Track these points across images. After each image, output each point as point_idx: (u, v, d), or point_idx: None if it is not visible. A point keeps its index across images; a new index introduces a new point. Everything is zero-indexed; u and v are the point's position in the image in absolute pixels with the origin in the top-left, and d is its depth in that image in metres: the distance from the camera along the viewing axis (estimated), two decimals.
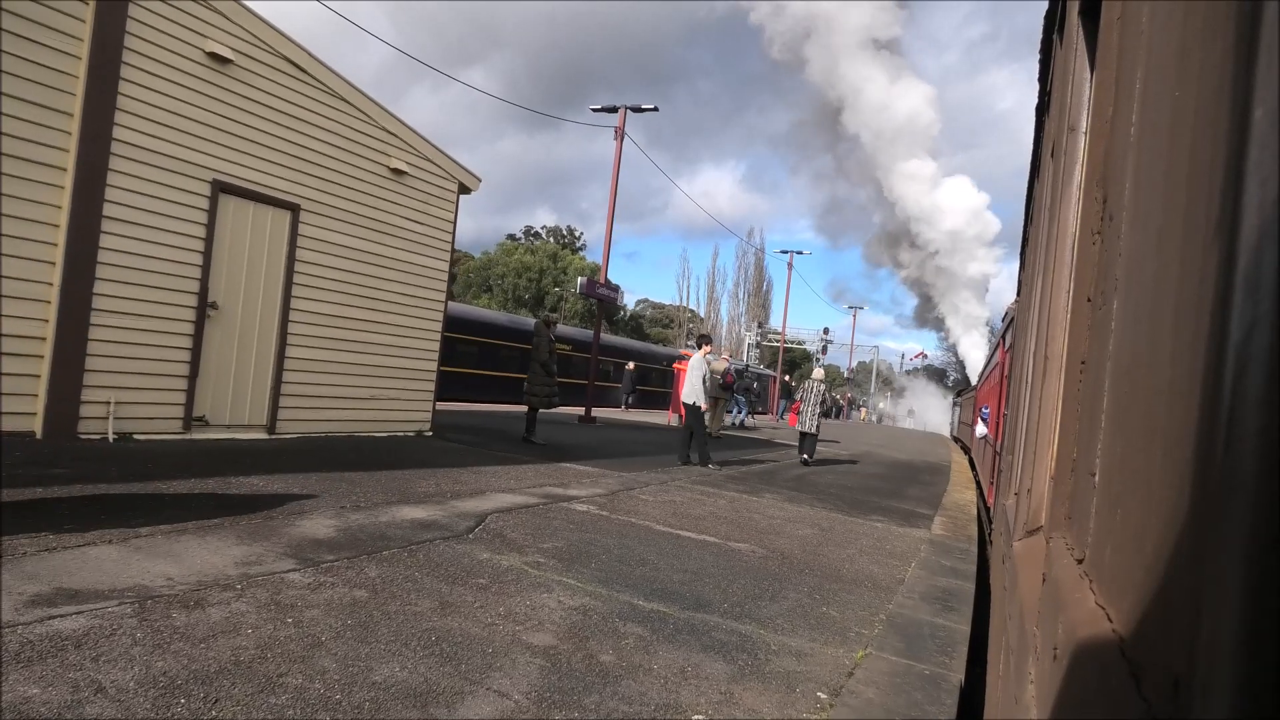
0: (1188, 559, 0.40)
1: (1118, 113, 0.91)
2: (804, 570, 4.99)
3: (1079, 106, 1.55)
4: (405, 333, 8.87)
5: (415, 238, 8.92)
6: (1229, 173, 0.39)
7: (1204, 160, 0.45)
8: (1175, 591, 0.42)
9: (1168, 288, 0.52)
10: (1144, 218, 0.67)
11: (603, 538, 5.04)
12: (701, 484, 8.42)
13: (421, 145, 8.88)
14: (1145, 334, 0.60)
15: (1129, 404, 0.64)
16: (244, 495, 4.81)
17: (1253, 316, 0.34)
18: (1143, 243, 0.65)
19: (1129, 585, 0.54)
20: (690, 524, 5.98)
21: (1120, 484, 0.64)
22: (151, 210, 6.30)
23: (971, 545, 7.09)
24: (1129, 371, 0.66)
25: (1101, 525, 0.71)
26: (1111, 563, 0.63)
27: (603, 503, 6.37)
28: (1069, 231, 1.55)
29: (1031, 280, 2.86)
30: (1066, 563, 0.86)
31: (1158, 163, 0.62)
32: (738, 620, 3.72)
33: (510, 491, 6.27)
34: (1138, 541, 0.53)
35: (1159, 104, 0.64)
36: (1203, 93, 0.47)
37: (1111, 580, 0.62)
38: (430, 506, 5.25)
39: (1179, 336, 0.47)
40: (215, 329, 6.87)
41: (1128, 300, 0.71)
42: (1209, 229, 0.42)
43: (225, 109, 6.80)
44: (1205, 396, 0.39)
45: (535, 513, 5.53)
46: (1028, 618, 1.13)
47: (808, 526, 6.64)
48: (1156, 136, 0.64)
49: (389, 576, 3.59)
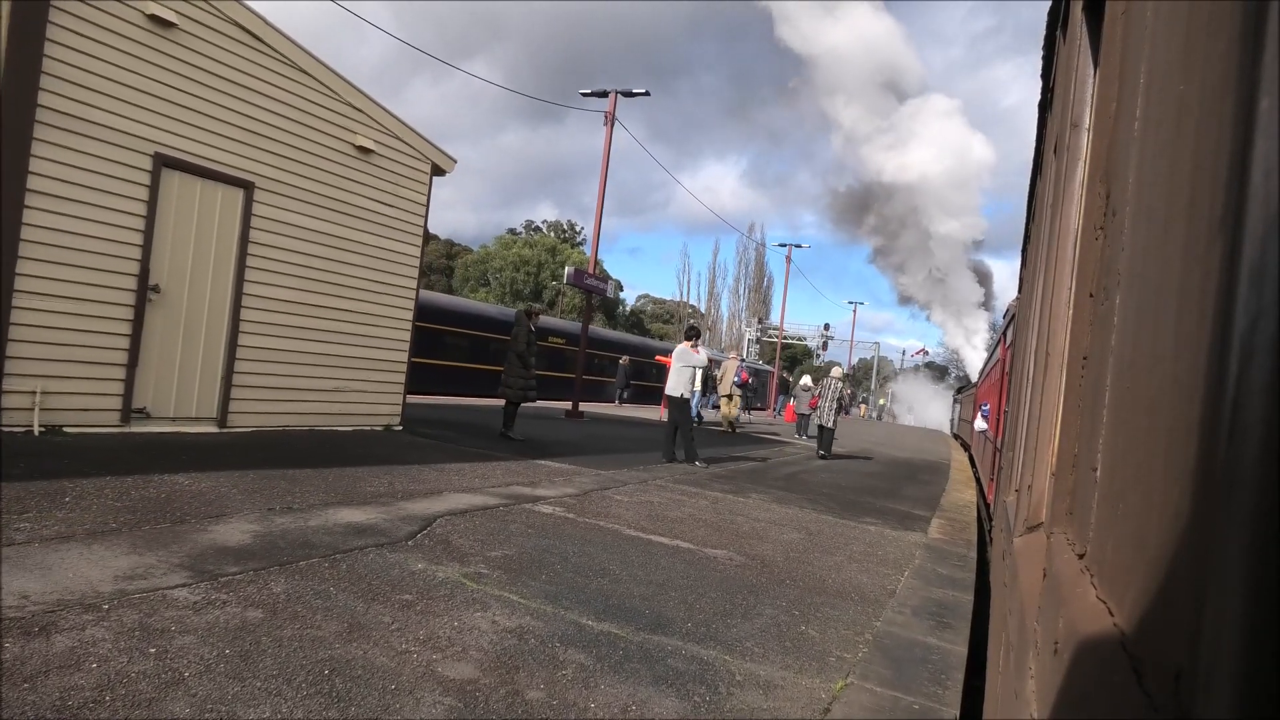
0: (1190, 552, 0.41)
1: (1121, 108, 0.91)
2: (784, 581, 4.51)
3: (1082, 102, 1.54)
4: (373, 321, 8.38)
5: (384, 220, 8.42)
6: (1234, 167, 0.39)
7: (1208, 154, 0.45)
8: (1177, 585, 0.42)
9: (1171, 282, 0.52)
10: (1147, 212, 0.66)
11: (562, 544, 4.56)
12: (685, 483, 7.94)
13: (390, 123, 8.38)
14: (1148, 328, 0.60)
15: (1131, 399, 0.64)
16: (159, 496, 4.33)
17: (1257, 310, 0.34)
18: (1146, 237, 0.66)
19: (1130, 579, 0.54)
20: (665, 528, 5.50)
21: (1122, 479, 0.64)
22: (84, 185, 5.80)
23: (970, 550, 6.61)
24: (1131, 366, 0.66)
25: (1103, 520, 0.71)
26: (1113, 557, 0.64)
27: (571, 504, 5.89)
28: (1071, 227, 1.53)
29: (1033, 277, 2.85)
30: (1067, 558, 0.86)
31: (1162, 157, 0.62)
32: (701, 643, 3.24)
33: (471, 491, 5.79)
34: (1140, 536, 0.53)
35: (1163, 99, 0.63)
36: (1207, 87, 0.47)
37: (1113, 574, 0.62)
38: (374, 508, 4.77)
39: (1182, 331, 0.48)
40: (158, 314, 6.38)
41: (1130, 295, 0.70)
42: (1213, 223, 0.42)
43: (169, 77, 6.30)
44: (1209, 390, 0.39)
45: (492, 515, 5.05)
46: (1028, 613, 1.12)
47: (794, 530, 6.16)
48: (1161, 131, 0.63)
49: (296, 592, 3.11)
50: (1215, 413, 0.38)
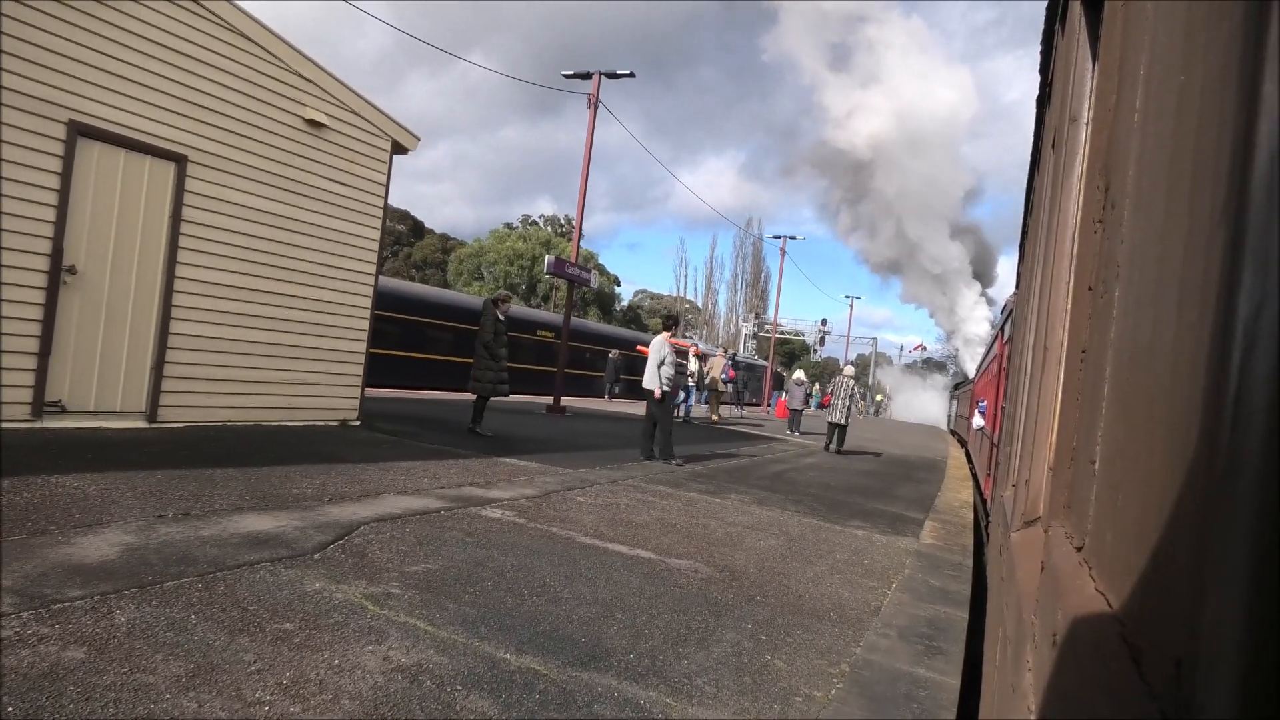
0: (1191, 542, 0.41)
1: (1121, 101, 0.92)
2: (754, 597, 3.96)
3: (1081, 97, 1.53)
4: (327, 309, 7.80)
5: (339, 200, 7.84)
6: (1235, 158, 0.39)
7: (1209, 147, 0.45)
8: (1177, 574, 0.43)
9: (1171, 274, 0.53)
10: (1147, 205, 0.67)
11: (501, 555, 4.01)
12: (660, 483, 7.39)
13: (345, 96, 7.79)
14: (1147, 321, 0.60)
15: (1130, 391, 0.65)
16: (31, 502, 3.77)
17: (1260, 299, 0.34)
18: (1146, 230, 0.66)
19: (1129, 570, 0.55)
20: (627, 534, 4.95)
21: (1121, 471, 0.65)
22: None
23: (966, 557, 6.07)
24: (1130, 359, 0.67)
25: (1101, 512, 0.72)
26: (1111, 549, 0.64)
27: (526, 507, 5.34)
28: (1070, 221, 1.53)
29: (1031, 272, 2.83)
30: (1065, 550, 0.87)
31: (1162, 150, 0.62)
32: (641, 681, 2.69)
33: (413, 493, 5.23)
34: (1139, 527, 0.54)
35: (1163, 92, 0.64)
36: (1208, 79, 0.48)
37: (1111, 566, 0.63)
38: (290, 514, 4.21)
39: (1182, 323, 0.48)
40: (74, 298, 5.80)
41: (1129, 288, 0.71)
42: (1214, 214, 0.42)
43: (86, 37, 5.71)
44: (1209, 382, 0.40)
45: (428, 521, 4.50)
46: (1025, 607, 1.12)
47: (773, 536, 5.61)
48: (1160, 124, 0.64)
49: (144, 623, 2.56)
50: (1217, 404, 0.38)
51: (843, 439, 13.94)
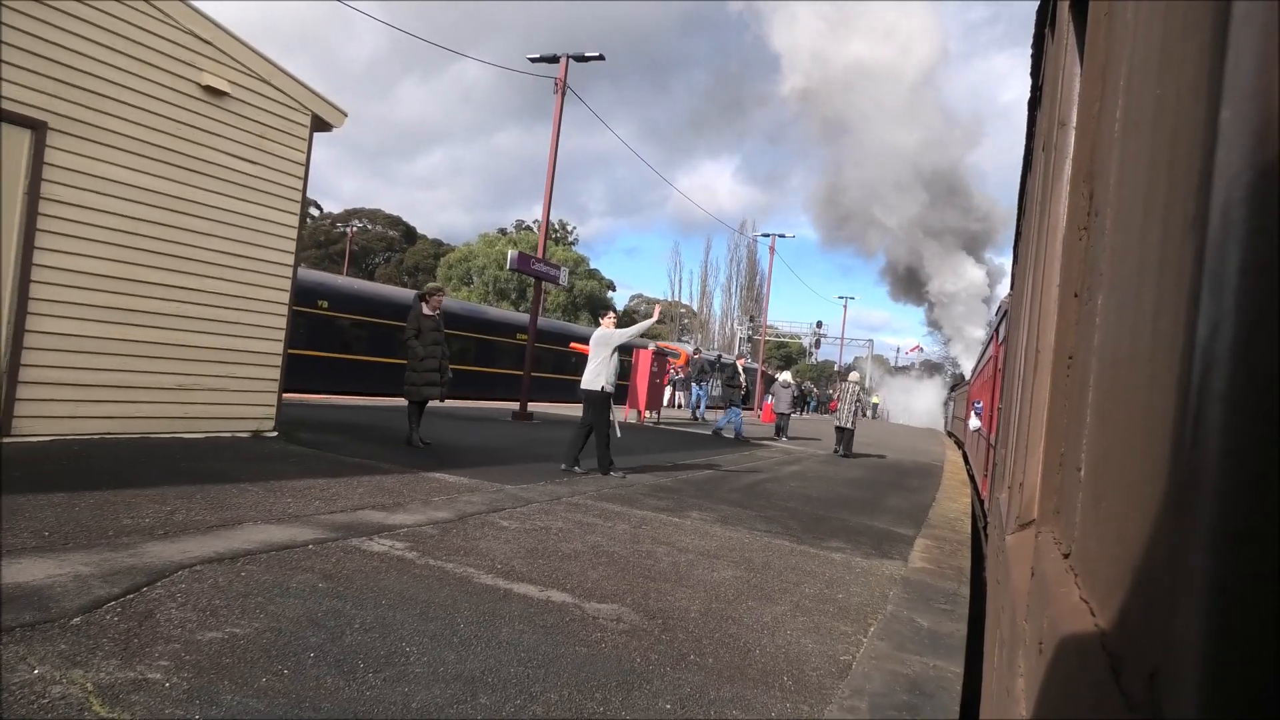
0: (1164, 552, 0.41)
1: (1104, 108, 0.93)
2: (686, 657, 3.03)
3: (1069, 101, 1.53)
4: (233, 303, 6.85)
5: (247, 181, 6.89)
6: (1203, 169, 0.39)
7: (1181, 156, 0.46)
8: (1153, 585, 0.43)
9: (1148, 283, 0.53)
10: (1126, 213, 0.68)
11: (356, 608, 3.07)
12: (611, 500, 6.44)
13: (254, 62, 6.85)
14: (1127, 329, 0.61)
15: (1112, 398, 0.65)
16: None
17: (1217, 315, 0.35)
18: (1125, 238, 0.67)
19: (1111, 579, 0.55)
20: (544, 569, 4.01)
21: (1104, 479, 0.65)
22: None
23: (962, 585, 5.15)
24: (1112, 366, 0.67)
25: (1086, 520, 0.72)
26: (1095, 557, 0.64)
27: (428, 536, 4.40)
28: (1058, 225, 1.53)
29: (1024, 274, 2.79)
30: (1053, 556, 0.87)
31: (1140, 158, 0.63)
32: None
33: (287, 521, 4.28)
34: (1119, 535, 0.53)
35: (1142, 100, 0.65)
36: (1181, 88, 0.48)
37: (1094, 575, 0.63)
38: (89, 555, 3.26)
39: (1158, 331, 0.48)
40: None
41: (1111, 295, 0.71)
42: (1185, 225, 0.42)
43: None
44: (1179, 391, 0.40)
45: (280, 561, 3.55)
46: (1019, 611, 1.12)
47: (731, 565, 4.68)
48: (1139, 132, 0.65)
49: None
50: (1182, 413, 0.38)
51: (850, 443, 14.40)
